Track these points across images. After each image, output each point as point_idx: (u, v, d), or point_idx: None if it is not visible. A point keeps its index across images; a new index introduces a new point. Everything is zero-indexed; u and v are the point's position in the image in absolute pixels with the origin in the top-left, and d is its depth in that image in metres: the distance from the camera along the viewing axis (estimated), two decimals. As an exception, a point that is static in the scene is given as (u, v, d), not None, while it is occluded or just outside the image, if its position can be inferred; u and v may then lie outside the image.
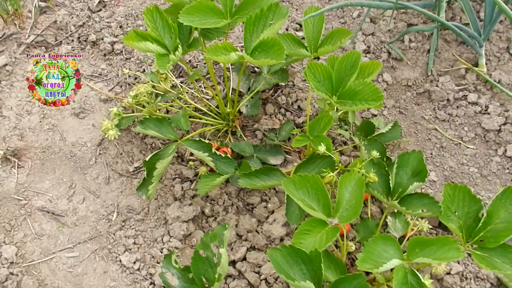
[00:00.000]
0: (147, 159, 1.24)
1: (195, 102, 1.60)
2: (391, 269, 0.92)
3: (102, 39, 1.74)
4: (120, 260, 1.27)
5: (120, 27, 1.77)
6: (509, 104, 1.61)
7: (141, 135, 1.54)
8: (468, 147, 1.57)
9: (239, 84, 1.45)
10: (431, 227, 1.28)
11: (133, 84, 1.67)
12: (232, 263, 1.28)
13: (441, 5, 1.66)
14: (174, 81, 1.61)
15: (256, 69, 1.65)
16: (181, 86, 1.60)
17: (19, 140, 1.51)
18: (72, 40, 1.75)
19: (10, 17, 1.73)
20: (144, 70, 1.69)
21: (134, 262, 1.26)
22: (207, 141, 1.28)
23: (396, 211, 1.24)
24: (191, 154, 1.49)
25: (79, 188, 1.44)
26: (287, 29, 1.81)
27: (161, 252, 1.29)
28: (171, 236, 1.30)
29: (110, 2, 1.82)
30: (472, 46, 1.63)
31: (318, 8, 1.27)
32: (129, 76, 1.68)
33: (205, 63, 1.69)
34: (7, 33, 1.70)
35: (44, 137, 1.53)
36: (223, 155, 1.29)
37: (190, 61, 1.74)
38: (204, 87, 1.66)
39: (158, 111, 1.51)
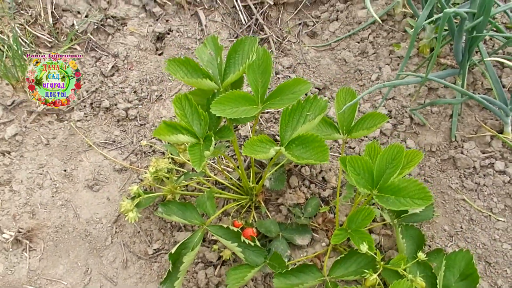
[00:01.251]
0: (172, 251, 1.16)
1: (215, 175, 1.53)
2: None
3: (116, 105, 1.68)
4: None
5: (134, 92, 1.72)
6: (538, 173, 1.57)
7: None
8: (498, 220, 1.52)
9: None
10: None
11: (149, 153, 1.60)
12: None
13: (465, 76, 1.64)
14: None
15: (277, 137, 1.60)
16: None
17: (31, 218, 1.43)
18: (85, 106, 1.68)
19: (19, 84, 1.66)
20: (160, 140, 1.63)
21: None
22: (235, 230, 1.21)
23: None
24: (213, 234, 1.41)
25: (95, 274, 1.35)
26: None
27: None
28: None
29: (123, 66, 1.77)
30: (500, 116, 1.60)
31: (351, 91, 1.22)
32: (145, 145, 1.61)
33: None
34: (17, 100, 1.64)
35: (57, 214, 1.45)
36: (252, 244, 1.21)
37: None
38: (224, 158, 1.60)
39: (178, 187, 1.44)
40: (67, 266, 1.36)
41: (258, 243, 1.25)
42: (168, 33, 1.88)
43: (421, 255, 1.03)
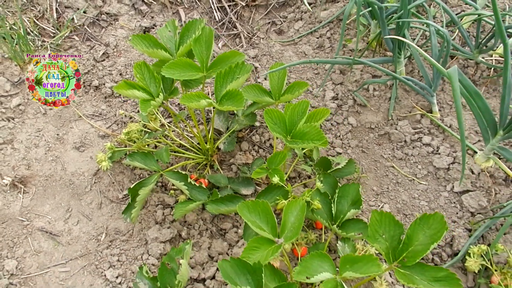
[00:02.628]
0: (131, 186, 1.46)
1: (180, 140, 1.83)
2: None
3: (104, 84, 2.01)
4: (105, 275, 1.46)
5: (120, 74, 2.04)
6: (458, 146, 1.81)
7: (131, 167, 1.77)
8: (421, 183, 1.76)
9: (212, 124, 1.68)
10: (377, 252, 1.45)
11: (128, 123, 1.91)
12: (203, 280, 1.46)
13: (397, 61, 1.91)
14: (162, 121, 1.85)
15: (234, 112, 1.89)
16: (169, 126, 1.84)
17: (26, 169, 1.75)
18: (78, 84, 2.01)
19: (26, 65, 2.01)
20: (138, 111, 1.94)
21: (117, 277, 1.45)
22: (184, 172, 1.50)
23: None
24: (173, 184, 1.70)
25: (75, 212, 1.65)
26: (265, 79, 2.07)
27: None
28: (149, 255, 1.49)
29: (113, 53, 2.11)
30: (424, 95, 1.86)
31: (280, 64, 1.51)
32: (125, 116, 1.93)
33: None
34: (22, 78, 1.98)
35: (47, 167, 1.76)
36: (197, 185, 1.50)
37: (179, 104, 1.99)
38: (185, 127, 1.90)
39: (147, 146, 1.74)
40: (52, 206, 1.66)
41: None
42: (153, 27, 2.22)
43: (319, 185, 1.30)
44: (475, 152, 1.78)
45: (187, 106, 1.75)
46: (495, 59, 1.99)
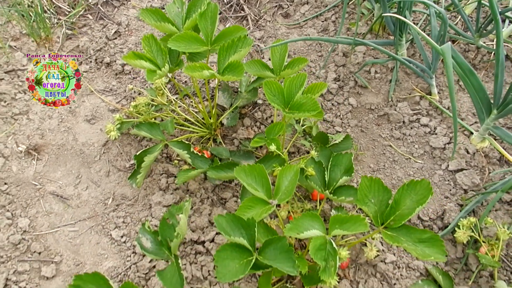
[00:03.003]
0: (137, 153, 1.54)
1: (185, 114, 1.91)
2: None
3: (115, 61, 2.10)
4: (111, 235, 1.56)
5: (131, 51, 2.12)
6: (454, 127, 1.86)
7: (139, 139, 1.85)
8: (416, 162, 1.81)
9: (215, 100, 1.76)
10: (370, 221, 1.52)
11: (137, 97, 2.00)
12: (202, 242, 1.55)
13: (399, 43, 1.96)
14: (170, 96, 1.93)
15: (238, 89, 1.96)
16: (175, 101, 1.92)
17: (40, 139, 1.84)
18: (91, 61, 2.11)
19: (42, 41, 2.11)
20: (147, 87, 2.02)
21: (122, 236, 1.54)
22: (187, 142, 1.58)
23: (339, 205, 1.49)
24: (178, 155, 1.78)
25: (84, 178, 1.75)
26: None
27: (145, 232, 1.57)
28: (153, 217, 1.58)
29: (124, 32, 2.19)
30: (423, 77, 1.91)
31: (280, 40, 1.58)
32: (134, 91, 2.01)
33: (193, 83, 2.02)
34: (39, 53, 2.08)
35: (60, 137, 1.86)
36: (200, 154, 1.58)
37: (186, 82, 2.07)
38: (191, 103, 1.98)
39: (154, 119, 1.82)
40: (63, 172, 1.76)
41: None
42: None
43: (314, 153, 1.36)
44: (472, 133, 1.82)
45: (192, 83, 1.83)
46: (494, 44, 2.02)
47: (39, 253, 1.51)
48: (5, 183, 1.69)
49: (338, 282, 1.45)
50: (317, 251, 1.14)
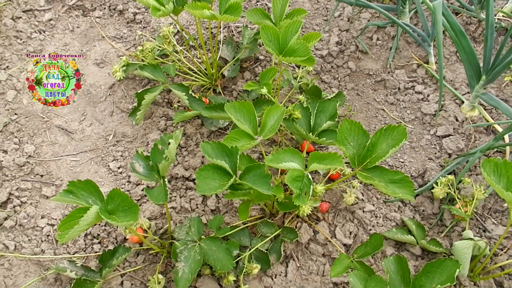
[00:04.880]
0: (139, 91, 1.63)
1: (189, 64, 1.99)
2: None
3: (127, 10, 2.18)
4: (109, 166, 1.66)
5: (142, 3, 2.21)
6: (447, 95, 1.91)
7: (143, 83, 1.95)
8: (407, 126, 1.87)
9: (217, 52, 1.83)
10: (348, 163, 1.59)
11: (144, 41, 2.09)
12: (193, 180, 1.65)
13: (401, 10, 2.00)
14: (176, 46, 2.01)
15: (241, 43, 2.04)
16: (181, 51, 2.00)
17: (51, 77, 1.95)
18: (104, 8, 2.20)
19: (59, -14, 2.20)
20: (156, 35, 2.11)
21: (118, 168, 1.65)
22: (187, 85, 1.66)
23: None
24: (178, 101, 1.88)
25: (89, 116, 1.85)
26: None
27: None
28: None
29: (137, -17, 2.27)
30: (421, 44, 1.95)
31: (284, -7, 1.64)
32: (143, 40, 2.10)
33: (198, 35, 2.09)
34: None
35: (69, 77, 1.96)
36: (197, 97, 1.66)
37: (194, 35, 2.15)
38: (196, 53, 2.07)
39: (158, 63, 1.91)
40: (70, 109, 1.87)
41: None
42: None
43: (302, 98, 1.44)
44: (463, 102, 1.87)
45: (197, 31, 1.90)
46: (497, 18, 2.05)
47: (42, 175, 1.63)
48: (15, 114, 1.81)
49: (317, 223, 1.54)
50: (293, 181, 1.22)
